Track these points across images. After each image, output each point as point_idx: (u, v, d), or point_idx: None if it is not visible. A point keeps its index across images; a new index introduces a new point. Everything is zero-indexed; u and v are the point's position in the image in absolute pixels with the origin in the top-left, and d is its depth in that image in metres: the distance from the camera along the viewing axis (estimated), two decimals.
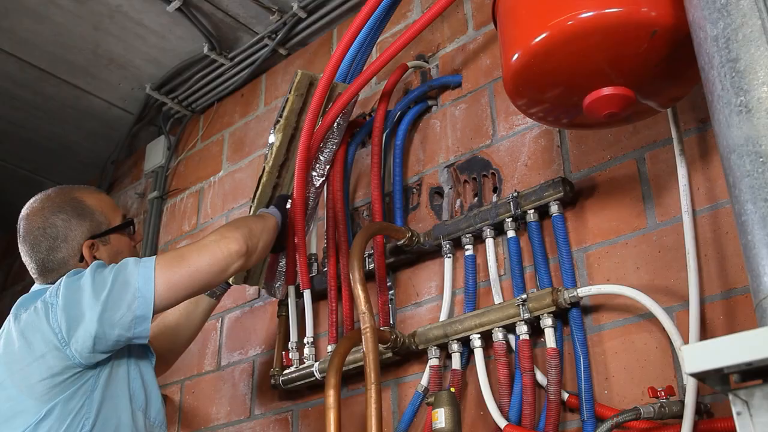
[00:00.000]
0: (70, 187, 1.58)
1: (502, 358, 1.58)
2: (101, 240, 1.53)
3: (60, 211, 1.51)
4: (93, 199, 1.56)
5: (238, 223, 1.57)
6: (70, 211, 1.51)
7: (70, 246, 1.49)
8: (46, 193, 1.56)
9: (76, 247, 1.49)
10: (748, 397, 0.77)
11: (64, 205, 1.52)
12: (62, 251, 1.49)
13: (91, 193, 1.59)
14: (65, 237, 1.49)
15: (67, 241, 1.49)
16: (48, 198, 1.54)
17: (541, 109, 1.39)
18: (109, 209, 1.58)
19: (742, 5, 0.96)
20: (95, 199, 1.57)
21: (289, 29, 2.53)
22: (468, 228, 1.75)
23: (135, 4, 2.47)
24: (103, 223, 1.54)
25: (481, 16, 2.06)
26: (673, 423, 1.32)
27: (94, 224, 1.52)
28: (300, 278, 1.97)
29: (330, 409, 1.49)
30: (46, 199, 1.54)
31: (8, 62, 2.70)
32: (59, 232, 1.49)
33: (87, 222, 1.51)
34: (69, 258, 1.49)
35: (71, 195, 1.55)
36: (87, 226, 1.51)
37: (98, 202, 1.56)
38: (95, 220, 1.53)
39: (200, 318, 1.88)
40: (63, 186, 1.59)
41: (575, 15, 1.20)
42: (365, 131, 2.12)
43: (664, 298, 1.46)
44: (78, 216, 1.51)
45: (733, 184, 0.94)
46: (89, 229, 1.51)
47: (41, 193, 1.56)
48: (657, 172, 1.56)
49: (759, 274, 0.87)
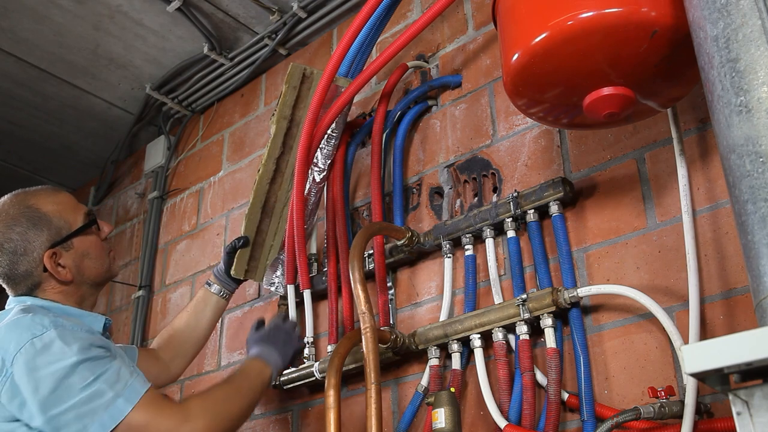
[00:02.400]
0: (25, 193, 1.50)
1: (502, 358, 1.58)
2: (63, 247, 1.46)
3: (15, 223, 1.44)
4: (49, 204, 1.48)
5: (214, 396, 1.44)
6: (25, 223, 1.44)
7: (30, 258, 1.43)
8: (1, 203, 1.48)
9: (37, 259, 1.43)
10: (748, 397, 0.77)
11: (18, 216, 1.44)
12: (23, 264, 1.43)
13: (48, 197, 1.50)
14: (24, 250, 1.43)
15: (27, 254, 1.43)
16: (3, 209, 1.46)
17: (541, 109, 1.39)
18: (68, 211, 1.49)
19: (742, 5, 0.96)
20: (52, 204, 1.48)
21: (289, 29, 2.53)
22: (468, 228, 1.75)
23: (135, 4, 2.47)
24: (62, 228, 1.47)
25: (481, 16, 2.06)
26: (673, 423, 1.32)
27: (52, 232, 1.45)
28: (300, 278, 1.97)
29: (330, 409, 1.49)
30: (0, 210, 1.46)
31: (8, 62, 2.70)
32: (17, 246, 1.42)
33: (45, 231, 1.44)
34: (32, 269, 1.44)
35: (26, 203, 1.47)
36: (45, 236, 1.44)
37: (55, 207, 1.48)
38: (54, 227, 1.45)
39: (209, 319, 1.85)
40: (18, 192, 1.50)
41: (575, 15, 1.20)
42: (365, 131, 2.12)
43: (664, 298, 1.46)
44: (34, 226, 1.44)
45: (733, 184, 0.94)
46: (48, 238, 1.44)
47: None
48: (657, 172, 1.56)
49: (759, 274, 0.87)
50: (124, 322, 2.80)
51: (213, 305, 1.86)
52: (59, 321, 1.33)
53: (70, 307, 1.47)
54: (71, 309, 1.46)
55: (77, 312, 1.46)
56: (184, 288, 2.61)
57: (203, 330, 1.85)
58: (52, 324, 1.31)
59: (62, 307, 1.46)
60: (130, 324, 2.72)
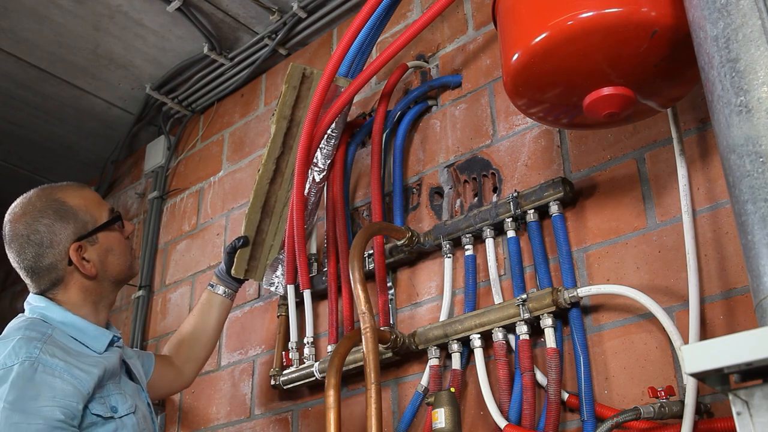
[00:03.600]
0: (51, 188, 1.51)
1: (502, 358, 1.58)
2: (88, 240, 1.47)
3: (42, 215, 1.45)
4: (76, 198, 1.49)
5: None
6: (53, 215, 1.45)
7: (56, 251, 1.44)
8: (28, 197, 1.49)
9: (63, 252, 1.44)
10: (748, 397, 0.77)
11: (45, 208, 1.46)
12: (49, 257, 1.44)
13: (74, 191, 1.51)
14: (50, 243, 1.43)
15: (53, 247, 1.44)
16: (29, 202, 1.48)
17: (541, 109, 1.39)
18: (94, 206, 1.51)
19: (742, 5, 0.96)
20: (78, 198, 1.50)
21: (289, 29, 2.53)
22: (468, 228, 1.75)
23: (135, 4, 2.47)
24: (88, 223, 1.48)
25: (481, 16, 2.06)
26: (673, 423, 1.32)
27: (78, 225, 1.46)
28: (300, 278, 1.97)
29: (330, 409, 1.49)
30: (27, 203, 1.48)
31: (8, 62, 2.70)
32: (43, 238, 1.43)
33: (71, 224, 1.45)
34: (57, 263, 1.44)
35: (53, 197, 1.48)
36: (72, 229, 1.45)
37: (81, 201, 1.49)
38: (80, 220, 1.47)
39: (216, 319, 1.85)
40: (44, 186, 1.52)
41: (575, 15, 1.20)
42: (365, 131, 2.12)
43: (664, 298, 1.46)
44: (61, 219, 1.45)
45: (733, 184, 0.94)
46: (74, 231, 1.45)
47: (23, 197, 1.50)
48: (657, 172, 1.56)
49: (759, 274, 0.87)
50: (124, 322, 2.80)
51: (218, 306, 1.85)
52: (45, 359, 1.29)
53: (78, 319, 1.43)
54: (80, 321, 1.43)
55: (84, 325, 1.43)
56: (184, 288, 2.61)
57: (212, 332, 1.85)
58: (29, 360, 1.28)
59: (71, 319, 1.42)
60: (130, 324, 2.72)
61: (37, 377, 1.27)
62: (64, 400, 1.27)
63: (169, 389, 1.83)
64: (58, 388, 1.28)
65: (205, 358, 1.86)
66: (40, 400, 1.25)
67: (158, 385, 1.72)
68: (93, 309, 1.48)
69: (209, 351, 1.87)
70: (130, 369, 1.53)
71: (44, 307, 1.43)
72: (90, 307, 1.47)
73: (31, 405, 1.24)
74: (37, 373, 1.27)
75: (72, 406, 1.28)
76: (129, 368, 1.53)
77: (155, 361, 1.73)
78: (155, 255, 2.80)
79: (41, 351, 1.30)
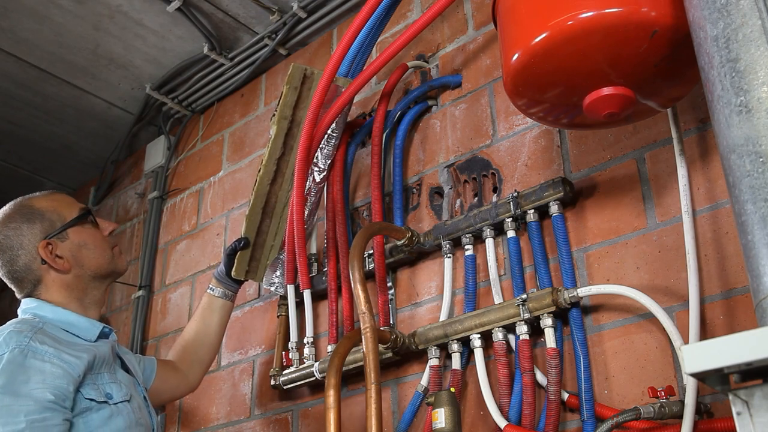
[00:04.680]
0: (23, 197, 1.58)
1: (502, 358, 1.58)
2: (58, 237, 1.52)
3: (10, 221, 1.52)
4: (43, 201, 1.56)
5: None
6: (19, 219, 1.51)
7: (26, 251, 1.49)
8: (3, 209, 1.56)
9: (33, 251, 1.49)
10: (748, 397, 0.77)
11: (14, 214, 1.53)
12: (21, 258, 1.50)
13: (43, 196, 1.58)
14: (20, 244, 1.50)
15: (23, 247, 1.50)
16: (2, 213, 1.55)
17: (541, 109, 1.39)
18: (63, 206, 1.57)
19: (742, 5, 0.96)
20: (46, 201, 1.56)
21: (289, 29, 2.53)
22: (468, 228, 1.75)
23: (135, 4, 2.47)
24: (56, 221, 1.53)
25: (481, 16, 2.06)
26: (673, 423, 1.32)
27: (45, 224, 1.52)
28: (300, 278, 1.97)
29: (330, 409, 1.49)
30: (0, 214, 1.55)
31: (8, 62, 2.70)
32: (12, 241, 1.50)
33: (38, 224, 1.51)
34: (30, 263, 1.50)
35: (22, 203, 1.55)
36: (38, 228, 1.51)
37: (49, 203, 1.56)
38: (46, 219, 1.52)
39: (218, 323, 1.86)
40: (19, 198, 1.59)
41: (575, 15, 1.20)
42: (365, 131, 2.12)
43: (664, 298, 1.46)
44: (28, 221, 1.51)
45: (733, 184, 0.94)
46: (42, 230, 1.51)
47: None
48: (657, 172, 1.56)
49: (759, 274, 0.87)
50: (124, 322, 2.80)
51: (219, 309, 1.87)
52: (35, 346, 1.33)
53: (69, 313, 1.48)
54: (70, 315, 1.48)
55: (74, 318, 1.48)
56: (184, 288, 2.61)
57: (214, 335, 1.86)
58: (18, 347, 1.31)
59: (61, 314, 1.47)
60: (130, 324, 2.72)
61: (27, 362, 1.30)
62: (54, 381, 1.30)
63: (174, 394, 1.83)
64: (48, 371, 1.31)
65: (209, 361, 1.87)
66: (30, 383, 1.28)
67: (162, 389, 1.72)
68: (79, 305, 1.52)
69: (214, 354, 1.88)
70: (125, 363, 1.56)
71: (35, 306, 1.48)
72: (75, 304, 1.51)
73: (21, 388, 1.27)
74: (27, 359, 1.31)
75: (62, 388, 1.31)
76: (124, 362, 1.56)
77: (157, 365, 1.74)
78: (155, 255, 2.80)
79: (31, 339, 1.34)
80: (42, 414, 1.26)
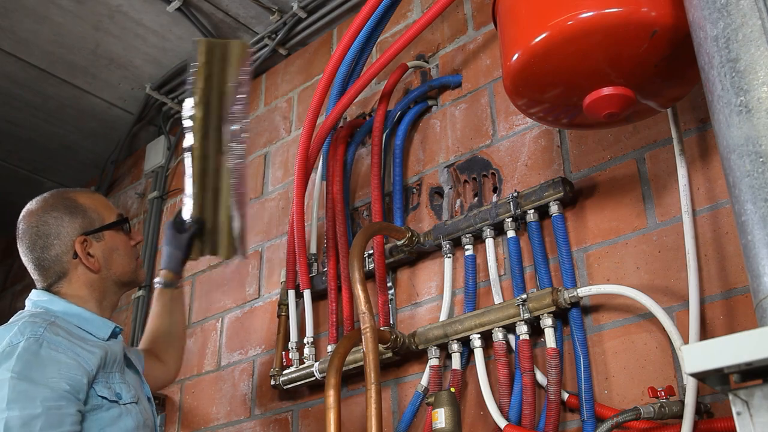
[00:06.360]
0: (65, 189, 1.61)
1: (502, 358, 1.58)
2: (94, 237, 1.54)
3: (53, 209, 1.53)
4: (86, 198, 1.59)
5: None
6: (62, 209, 1.53)
7: (62, 242, 1.51)
8: (43, 196, 1.58)
9: (68, 243, 1.51)
10: (748, 397, 0.77)
11: (57, 204, 1.54)
12: (55, 248, 1.50)
13: (85, 193, 1.61)
14: (57, 234, 1.51)
15: (60, 238, 1.51)
16: (43, 199, 1.57)
17: (541, 109, 1.39)
18: (103, 208, 1.59)
19: (742, 5, 0.96)
20: (88, 198, 1.59)
21: (289, 29, 2.53)
22: (468, 228, 1.75)
23: (135, 4, 2.47)
24: (96, 221, 1.55)
25: (481, 16, 2.06)
26: (673, 423, 1.32)
27: (86, 221, 1.54)
28: (300, 278, 1.97)
29: (330, 409, 1.49)
30: (41, 200, 1.57)
31: (8, 62, 2.70)
32: (51, 229, 1.51)
33: (79, 219, 1.53)
34: (62, 254, 1.50)
35: (65, 195, 1.57)
36: (79, 223, 1.53)
37: (91, 201, 1.58)
38: (87, 217, 1.54)
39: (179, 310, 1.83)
40: (60, 189, 1.62)
41: (575, 15, 1.20)
42: (365, 131, 2.12)
43: (664, 298, 1.46)
44: (70, 213, 1.53)
45: (733, 184, 0.94)
46: (81, 226, 1.53)
47: (39, 196, 1.59)
48: (657, 172, 1.56)
49: (759, 274, 0.87)
50: (124, 322, 2.80)
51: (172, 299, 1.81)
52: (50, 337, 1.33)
53: (83, 310, 1.48)
54: (84, 312, 1.48)
55: (89, 315, 1.48)
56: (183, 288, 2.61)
57: (179, 324, 1.83)
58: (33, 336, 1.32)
59: (75, 310, 1.47)
60: (130, 324, 2.72)
61: (42, 352, 1.31)
62: (69, 372, 1.32)
63: (156, 383, 1.81)
64: (63, 362, 1.32)
65: (182, 348, 1.86)
66: (47, 372, 1.30)
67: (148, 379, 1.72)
68: (97, 305, 1.52)
69: (184, 341, 1.88)
70: (131, 362, 1.56)
71: (47, 301, 1.48)
72: (94, 303, 1.52)
73: (38, 375, 1.28)
74: (42, 348, 1.32)
75: (77, 380, 1.32)
76: (131, 361, 1.56)
77: (143, 356, 1.74)
78: (155, 255, 2.80)
79: (45, 330, 1.35)
80: (58, 402, 1.28)
